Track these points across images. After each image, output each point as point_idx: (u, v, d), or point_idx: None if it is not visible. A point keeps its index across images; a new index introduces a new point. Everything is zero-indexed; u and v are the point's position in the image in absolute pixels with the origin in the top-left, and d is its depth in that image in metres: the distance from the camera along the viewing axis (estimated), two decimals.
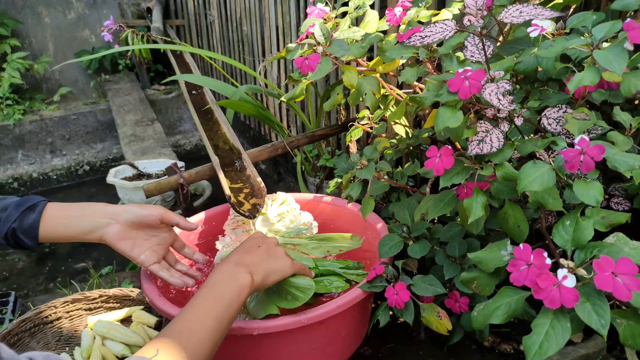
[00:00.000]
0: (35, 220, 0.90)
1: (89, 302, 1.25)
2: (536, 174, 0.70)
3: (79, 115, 3.65)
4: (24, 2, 3.67)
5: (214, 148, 1.63)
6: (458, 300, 0.97)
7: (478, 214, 0.80)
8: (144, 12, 3.70)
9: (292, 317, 0.88)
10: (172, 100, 3.83)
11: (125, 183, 2.35)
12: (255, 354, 0.92)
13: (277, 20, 2.38)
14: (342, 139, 2.04)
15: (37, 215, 0.90)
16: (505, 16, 0.77)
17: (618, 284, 0.61)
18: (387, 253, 1.01)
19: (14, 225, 0.89)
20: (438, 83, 0.81)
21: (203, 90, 2.16)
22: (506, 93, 0.74)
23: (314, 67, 0.92)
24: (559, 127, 0.79)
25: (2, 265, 2.61)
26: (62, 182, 3.64)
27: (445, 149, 0.80)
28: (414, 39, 0.84)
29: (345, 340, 1.00)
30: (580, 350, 0.96)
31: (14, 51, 3.53)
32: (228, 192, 1.34)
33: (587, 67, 0.69)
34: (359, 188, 1.02)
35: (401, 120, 1.27)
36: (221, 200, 1.35)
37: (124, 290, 1.25)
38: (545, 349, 0.64)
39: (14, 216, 0.89)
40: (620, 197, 0.92)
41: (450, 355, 1.09)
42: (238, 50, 3.02)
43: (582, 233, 0.71)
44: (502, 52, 0.91)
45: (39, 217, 0.90)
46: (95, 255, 2.62)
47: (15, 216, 0.89)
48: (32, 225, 0.90)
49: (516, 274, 0.69)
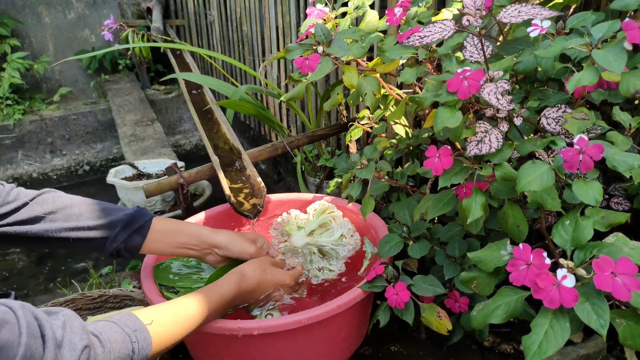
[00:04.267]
0: (141, 242, 0.96)
1: (89, 302, 1.25)
2: (535, 174, 0.70)
3: (79, 115, 3.65)
4: (24, 2, 3.67)
5: (214, 148, 1.63)
6: (458, 300, 0.98)
7: (477, 214, 0.80)
8: (144, 12, 3.70)
9: (292, 317, 0.88)
10: (172, 100, 3.82)
11: (126, 183, 2.35)
12: (255, 354, 0.92)
13: (277, 20, 2.38)
14: (342, 139, 2.04)
15: (142, 238, 0.96)
16: (504, 16, 0.77)
17: (617, 284, 0.61)
18: (387, 253, 1.01)
19: (120, 246, 0.95)
20: (437, 83, 0.81)
21: (203, 90, 2.16)
22: (505, 93, 0.74)
23: (314, 67, 0.92)
24: (558, 127, 0.79)
25: (2, 265, 2.61)
26: (62, 182, 3.64)
27: (444, 149, 0.80)
28: (413, 39, 0.84)
29: (345, 340, 1.01)
30: (580, 350, 0.96)
31: (14, 51, 3.53)
32: (228, 192, 1.34)
33: (586, 67, 0.69)
34: (359, 188, 1.02)
35: (401, 120, 1.27)
36: (221, 200, 1.35)
37: (124, 290, 1.25)
38: (544, 349, 0.65)
39: (121, 238, 0.94)
40: (620, 197, 0.92)
41: (450, 355, 1.09)
42: (238, 50, 3.02)
43: (581, 233, 0.71)
44: (501, 52, 0.91)
45: (144, 239, 0.96)
46: (95, 255, 2.62)
47: (123, 238, 0.94)
48: (136, 246, 0.96)
49: (515, 273, 0.69)
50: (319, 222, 1.18)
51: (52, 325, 0.59)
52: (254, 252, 1.03)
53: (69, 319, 0.62)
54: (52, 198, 0.92)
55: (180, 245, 1.00)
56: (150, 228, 0.97)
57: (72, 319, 0.63)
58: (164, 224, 1.00)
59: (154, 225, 0.98)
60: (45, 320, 0.59)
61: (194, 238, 1.01)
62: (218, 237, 1.02)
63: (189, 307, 0.82)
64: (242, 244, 1.03)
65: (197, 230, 1.02)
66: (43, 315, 0.60)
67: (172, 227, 1.00)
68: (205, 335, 0.91)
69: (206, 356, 1.01)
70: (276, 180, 2.78)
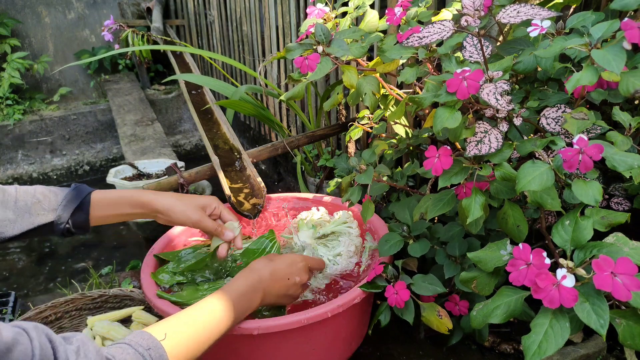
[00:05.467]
0: (85, 218, 0.97)
1: (89, 302, 1.25)
2: (535, 174, 0.70)
3: (79, 115, 3.65)
4: (24, 2, 3.67)
5: (214, 148, 1.63)
6: (458, 304, 0.97)
7: (477, 214, 0.80)
8: (144, 12, 3.69)
9: (292, 317, 0.88)
10: (172, 100, 3.82)
11: (125, 183, 2.35)
12: (256, 354, 0.92)
13: (277, 20, 2.38)
14: (342, 139, 2.04)
15: (86, 214, 0.97)
16: (503, 16, 0.77)
17: (617, 284, 0.61)
18: (387, 252, 1.01)
19: (67, 226, 0.96)
20: (437, 83, 0.81)
21: (203, 90, 2.16)
22: (504, 93, 0.74)
23: (313, 66, 0.92)
24: (558, 127, 0.79)
25: (2, 265, 2.61)
26: (62, 182, 3.64)
27: (444, 149, 0.80)
28: (412, 39, 0.84)
29: (345, 340, 1.01)
30: (580, 350, 0.96)
31: (14, 51, 3.53)
32: (228, 192, 1.34)
33: (585, 66, 0.69)
34: (359, 193, 1.02)
35: (401, 120, 1.27)
36: (221, 200, 1.35)
37: (124, 290, 1.25)
38: (544, 349, 0.65)
39: (65, 218, 0.95)
40: (620, 197, 0.92)
41: (450, 355, 1.09)
42: (238, 50, 3.02)
43: (581, 233, 0.71)
44: (501, 52, 0.91)
45: (87, 215, 0.97)
46: (95, 255, 2.62)
47: (66, 218, 0.95)
48: (83, 222, 0.98)
49: (515, 273, 0.69)
50: (332, 229, 1.16)
51: (67, 349, 0.58)
52: (198, 219, 1.01)
53: (83, 344, 0.61)
54: None
55: (126, 214, 1.00)
56: (90, 203, 0.97)
57: (86, 344, 0.61)
58: (104, 196, 0.99)
59: (94, 200, 0.98)
60: (59, 343, 0.58)
61: (137, 206, 1.00)
62: (160, 201, 1.00)
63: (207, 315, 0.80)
64: (185, 210, 1.00)
65: (138, 197, 1.00)
66: (57, 338, 0.58)
67: (113, 198, 1.00)
68: None
69: (206, 356, 1.01)
70: (276, 180, 2.78)
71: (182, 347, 0.74)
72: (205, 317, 0.79)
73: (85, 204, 0.97)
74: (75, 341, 0.61)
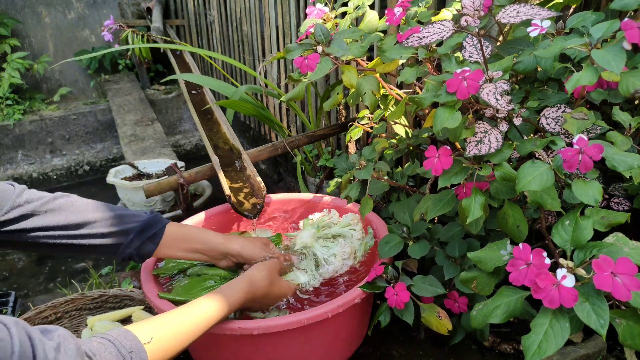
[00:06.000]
0: (153, 249, 0.97)
1: (89, 302, 1.25)
2: (535, 174, 0.70)
3: (79, 115, 3.65)
4: (24, 2, 3.67)
5: (214, 148, 1.63)
6: (457, 301, 0.97)
7: (477, 214, 0.80)
8: (144, 12, 3.69)
9: (292, 317, 0.88)
10: (172, 100, 3.82)
11: (125, 183, 2.35)
12: (256, 354, 0.92)
13: (277, 20, 2.38)
14: (342, 139, 2.04)
15: (155, 245, 0.97)
16: (502, 16, 0.77)
17: (617, 284, 0.61)
18: (387, 253, 1.01)
19: (132, 252, 0.95)
20: (437, 83, 0.81)
21: (203, 90, 2.16)
22: (504, 93, 0.74)
23: (313, 67, 0.92)
24: (558, 127, 0.79)
25: (2, 265, 2.61)
26: (62, 182, 3.64)
27: (443, 149, 0.80)
28: (412, 39, 0.83)
29: (345, 340, 1.01)
30: (580, 350, 0.96)
31: (14, 51, 3.53)
32: (228, 192, 1.34)
33: (585, 66, 0.69)
34: (357, 188, 1.02)
35: (401, 120, 1.27)
36: (221, 200, 1.35)
37: (124, 290, 1.25)
38: (544, 349, 0.65)
39: (135, 245, 0.95)
40: (620, 197, 0.92)
41: (450, 355, 1.09)
42: (238, 50, 3.02)
43: (581, 233, 0.71)
44: (501, 52, 0.91)
45: (156, 247, 0.97)
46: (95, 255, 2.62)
47: (137, 245, 0.95)
48: (148, 252, 0.97)
49: (515, 273, 0.69)
50: (336, 231, 1.17)
51: (45, 346, 0.57)
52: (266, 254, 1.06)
53: (64, 340, 0.60)
54: (66, 204, 0.91)
55: (192, 251, 1.02)
56: (163, 235, 0.98)
57: (67, 340, 0.60)
58: (177, 230, 1.00)
59: (167, 232, 0.98)
60: (38, 340, 0.57)
61: (207, 246, 1.02)
62: (231, 245, 1.04)
63: (193, 317, 0.81)
64: (254, 249, 1.05)
65: (211, 238, 1.03)
66: (37, 335, 0.58)
67: (185, 234, 1.01)
68: (205, 336, 0.91)
69: (207, 356, 1.01)
70: (276, 180, 2.78)
71: (163, 352, 0.74)
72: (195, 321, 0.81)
73: (157, 235, 0.97)
74: (57, 337, 0.60)
